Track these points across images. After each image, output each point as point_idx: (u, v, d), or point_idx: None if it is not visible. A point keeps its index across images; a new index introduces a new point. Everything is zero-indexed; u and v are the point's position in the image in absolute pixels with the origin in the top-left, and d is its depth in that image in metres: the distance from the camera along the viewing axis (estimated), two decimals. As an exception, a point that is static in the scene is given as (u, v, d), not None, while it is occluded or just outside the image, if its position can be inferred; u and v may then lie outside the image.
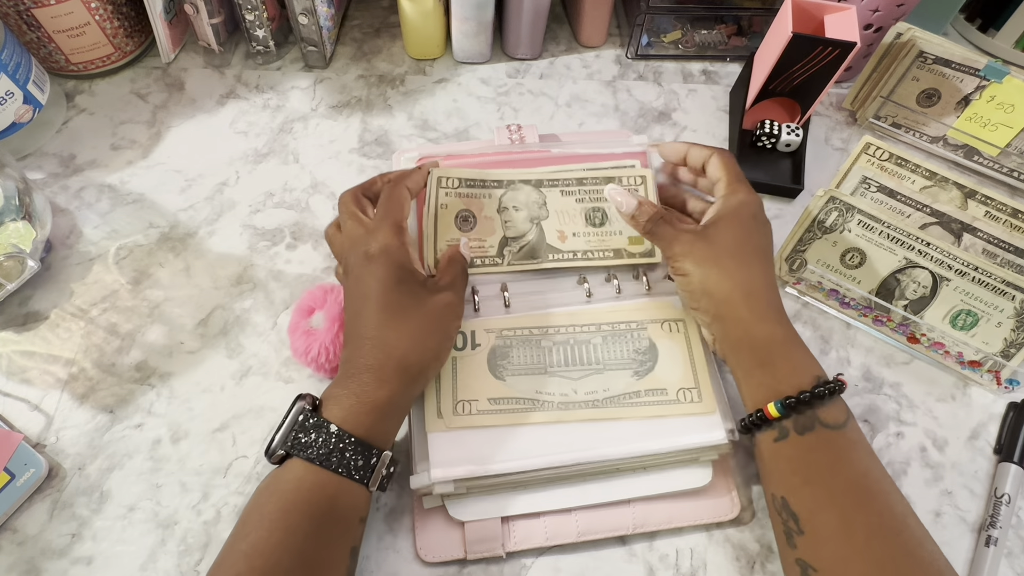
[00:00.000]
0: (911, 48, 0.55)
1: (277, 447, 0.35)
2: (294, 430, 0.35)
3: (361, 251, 0.38)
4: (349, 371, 0.37)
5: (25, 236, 0.46)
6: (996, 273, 0.45)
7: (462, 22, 0.60)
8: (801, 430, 0.37)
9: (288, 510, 0.33)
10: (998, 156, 0.58)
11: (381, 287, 0.37)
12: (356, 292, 0.39)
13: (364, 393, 0.36)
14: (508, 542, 0.40)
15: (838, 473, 0.36)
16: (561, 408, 0.41)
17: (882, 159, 0.53)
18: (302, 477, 0.34)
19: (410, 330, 0.37)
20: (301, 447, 0.34)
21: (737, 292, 0.39)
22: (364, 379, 0.36)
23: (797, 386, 0.37)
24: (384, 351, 0.37)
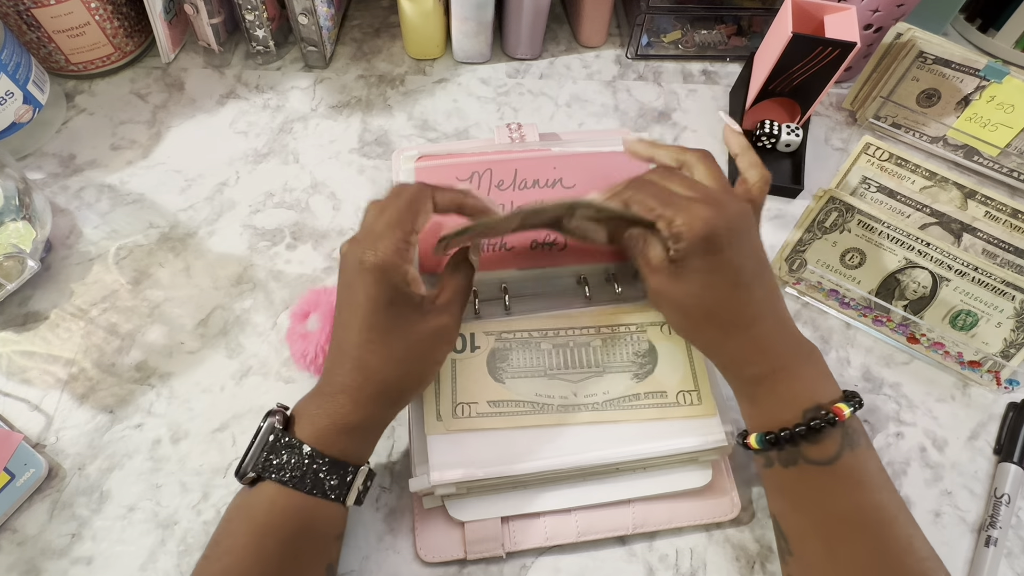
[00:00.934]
0: (911, 48, 0.55)
1: (247, 468, 0.34)
2: (264, 450, 0.34)
3: (358, 255, 0.35)
4: (325, 388, 0.35)
5: (25, 236, 0.46)
6: (996, 273, 0.45)
7: (462, 22, 0.60)
8: (784, 463, 0.36)
9: (262, 534, 0.33)
10: (998, 156, 0.58)
11: (370, 304, 0.35)
12: (345, 299, 0.36)
13: (339, 415, 0.34)
14: (508, 542, 0.40)
15: (824, 506, 0.35)
16: (561, 411, 0.41)
17: (882, 159, 0.53)
18: (274, 500, 0.33)
19: (395, 356, 0.35)
20: (273, 469, 0.33)
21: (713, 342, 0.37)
22: (340, 400, 0.35)
23: (781, 422, 0.35)
24: (364, 374, 0.35)
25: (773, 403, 0.36)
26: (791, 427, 0.34)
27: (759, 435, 0.36)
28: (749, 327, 0.36)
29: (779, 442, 0.35)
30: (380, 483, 0.43)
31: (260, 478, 0.34)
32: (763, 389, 0.36)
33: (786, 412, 0.35)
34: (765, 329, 0.36)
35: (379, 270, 0.34)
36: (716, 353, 0.38)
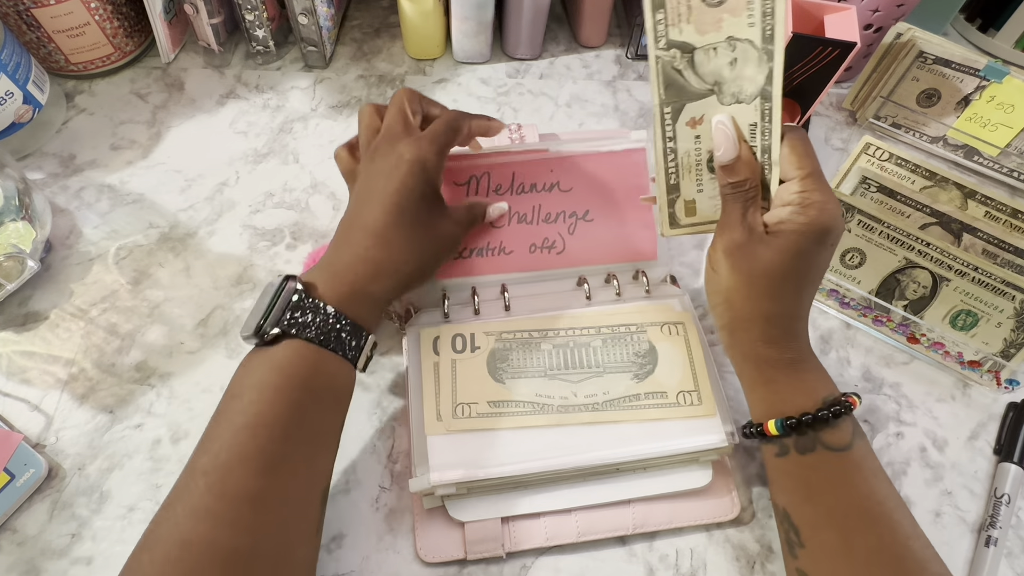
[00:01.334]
0: (911, 48, 0.55)
1: (270, 326, 0.34)
2: (288, 310, 0.34)
3: (397, 149, 0.38)
4: (344, 258, 0.37)
5: (25, 236, 0.46)
6: (996, 273, 0.45)
7: (462, 22, 0.60)
8: (802, 450, 0.36)
9: (290, 386, 0.33)
10: (998, 156, 0.58)
11: (404, 191, 0.37)
12: (373, 185, 0.38)
13: (359, 283, 0.37)
14: (508, 542, 0.40)
15: (839, 494, 0.35)
16: (561, 411, 0.41)
17: (882, 159, 0.53)
18: (302, 354, 0.34)
19: (414, 242, 0.38)
20: (298, 326, 0.34)
21: (756, 316, 0.37)
22: (360, 269, 0.37)
23: (800, 407, 0.36)
24: (387, 250, 0.37)
25: (794, 389, 0.37)
26: (812, 412, 0.35)
27: (779, 420, 0.36)
28: (793, 316, 0.37)
29: (800, 426, 0.35)
30: (380, 483, 0.43)
31: (283, 334, 0.34)
32: (786, 374, 0.37)
33: (806, 399, 0.36)
34: (802, 324, 0.38)
35: (420, 163, 0.38)
36: (755, 330, 0.37)
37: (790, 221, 0.35)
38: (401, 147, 0.38)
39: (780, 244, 0.35)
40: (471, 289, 0.46)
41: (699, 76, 0.34)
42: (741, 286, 0.37)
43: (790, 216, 0.35)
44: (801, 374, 0.37)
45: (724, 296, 0.38)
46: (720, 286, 0.38)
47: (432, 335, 0.44)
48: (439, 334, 0.44)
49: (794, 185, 0.35)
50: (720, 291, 0.38)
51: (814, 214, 0.34)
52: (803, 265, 0.36)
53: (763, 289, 0.36)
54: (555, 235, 0.47)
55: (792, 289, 0.36)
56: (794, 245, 0.35)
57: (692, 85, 0.35)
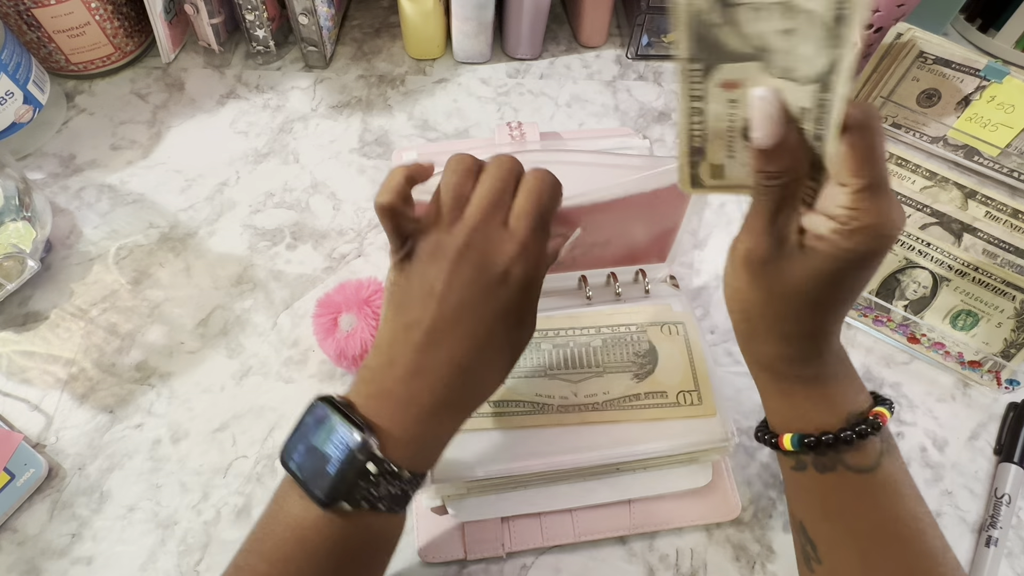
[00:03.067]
0: (911, 48, 0.55)
1: (341, 499, 0.28)
2: (363, 480, 0.29)
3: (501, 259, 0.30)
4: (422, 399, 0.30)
5: (25, 236, 0.46)
6: (996, 273, 0.45)
7: (462, 22, 0.60)
8: (821, 468, 0.32)
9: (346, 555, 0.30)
10: (998, 156, 0.58)
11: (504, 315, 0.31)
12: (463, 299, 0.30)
13: (444, 438, 0.32)
14: (508, 542, 0.40)
15: (860, 515, 0.32)
16: (561, 411, 0.41)
17: (882, 159, 0.53)
18: (370, 525, 0.30)
19: (506, 364, 0.33)
20: (374, 499, 0.29)
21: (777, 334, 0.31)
22: (448, 423, 0.32)
23: (820, 425, 0.31)
24: (477, 392, 0.32)
25: (814, 404, 0.32)
26: (835, 431, 0.31)
27: (795, 436, 0.32)
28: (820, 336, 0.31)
29: (819, 446, 0.31)
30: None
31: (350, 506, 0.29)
32: (806, 388, 0.32)
33: (829, 416, 0.32)
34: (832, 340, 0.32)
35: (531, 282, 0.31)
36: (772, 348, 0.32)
37: (830, 242, 0.27)
38: (507, 257, 0.30)
39: (814, 266, 0.28)
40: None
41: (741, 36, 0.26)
42: (760, 303, 0.31)
43: (832, 235, 0.27)
44: (824, 388, 0.32)
45: (741, 306, 0.32)
46: (738, 293, 0.31)
47: None
48: None
49: (844, 197, 0.27)
50: (737, 299, 0.32)
51: (860, 239, 0.27)
52: (839, 292, 0.29)
53: (786, 312, 0.30)
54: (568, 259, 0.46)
55: (822, 313, 0.30)
56: (831, 271, 0.28)
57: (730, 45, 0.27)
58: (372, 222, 0.54)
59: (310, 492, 0.29)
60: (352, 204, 0.54)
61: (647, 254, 0.47)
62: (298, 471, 0.29)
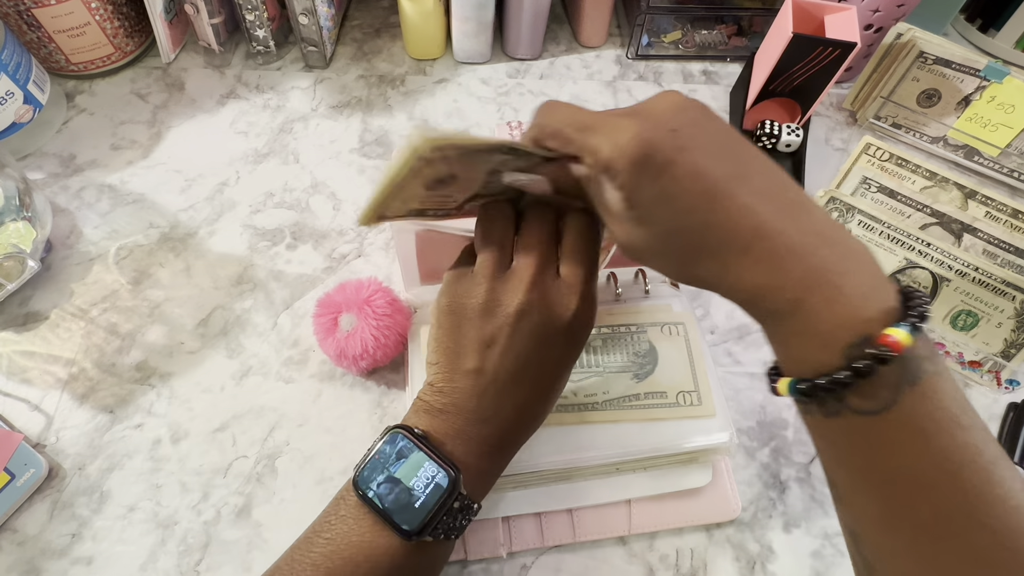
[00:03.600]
0: (911, 48, 0.55)
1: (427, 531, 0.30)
2: (446, 514, 0.31)
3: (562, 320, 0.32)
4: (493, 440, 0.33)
5: (25, 236, 0.46)
6: (996, 273, 0.45)
7: (462, 22, 0.60)
8: (827, 413, 0.27)
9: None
10: (998, 156, 0.58)
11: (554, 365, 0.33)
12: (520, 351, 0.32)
13: (504, 465, 0.34)
14: (508, 542, 0.40)
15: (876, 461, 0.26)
16: (560, 410, 0.41)
17: (882, 159, 0.53)
18: (436, 552, 0.33)
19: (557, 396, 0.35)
20: (450, 531, 0.31)
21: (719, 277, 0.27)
22: (507, 451, 0.34)
23: (815, 366, 0.26)
24: (531, 426, 0.34)
25: (805, 342, 0.26)
26: (831, 371, 0.25)
27: (790, 382, 0.27)
28: (749, 247, 0.26)
29: (815, 392, 0.26)
30: (380, 483, 0.43)
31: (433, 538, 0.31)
32: (789, 326, 0.26)
33: (823, 352, 0.26)
34: (774, 243, 0.26)
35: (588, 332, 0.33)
36: (725, 291, 0.28)
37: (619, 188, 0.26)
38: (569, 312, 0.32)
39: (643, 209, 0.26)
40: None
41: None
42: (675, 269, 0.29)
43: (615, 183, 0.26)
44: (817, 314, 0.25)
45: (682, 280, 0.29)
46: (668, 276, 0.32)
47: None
48: None
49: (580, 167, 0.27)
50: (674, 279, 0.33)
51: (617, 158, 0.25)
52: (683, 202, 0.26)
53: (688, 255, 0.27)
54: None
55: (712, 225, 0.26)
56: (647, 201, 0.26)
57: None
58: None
59: (394, 524, 0.30)
60: (352, 204, 0.54)
61: None
62: (379, 502, 0.30)
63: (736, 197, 0.26)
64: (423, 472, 0.30)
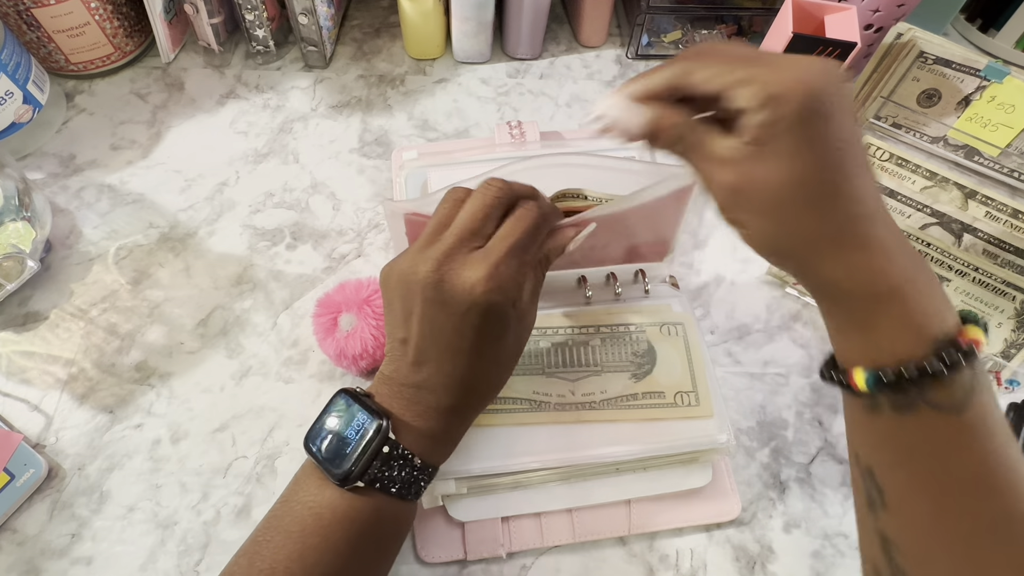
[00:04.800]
0: (911, 48, 0.55)
1: (356, 478, 0.31)
2: (377, 460, 0.32)
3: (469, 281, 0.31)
4: (428, 401, 0.33)
5: (25, 236, 0.46)
6: (996, 273, 0.45)
7: (462, 22, 0.60)
8: (900, 409, 0.27)
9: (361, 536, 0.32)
10: (998, 156, 0.58)
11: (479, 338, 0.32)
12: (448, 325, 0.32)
13: (445, 433, 0.34)
14: (508, 542, 0.40)
15: (942, 462, 0.27)
16: (558, 409, 0.41)
17: (882, 159, 0.53)
18: (377, 507, 0.32)
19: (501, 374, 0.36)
20: (386, 481, 0.32)
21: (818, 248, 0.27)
22: (449, 420, 0.34)
23: (900, 356, 0.26)
24: (473, 396, 0.35)
25: (895, 330, 0.27)
26: (917, 361, 0.26)
27: (870, 373, 0.27)
28: (863, 227, 0.27)
29: (900, 383, 0.26)
30: (380, 483, 0.43)
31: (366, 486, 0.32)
32: (883, 311, 0.27)
33: (910, 343, 0.26)
34: (882, 231, 0.27)
35: (496, 307, 0.32)
36: (821, 263, 0.28)
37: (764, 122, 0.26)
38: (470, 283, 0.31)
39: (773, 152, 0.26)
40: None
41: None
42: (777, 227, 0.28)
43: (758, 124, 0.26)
44: (910, 305, 0.27)
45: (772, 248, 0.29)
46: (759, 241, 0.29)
47: None
48: None
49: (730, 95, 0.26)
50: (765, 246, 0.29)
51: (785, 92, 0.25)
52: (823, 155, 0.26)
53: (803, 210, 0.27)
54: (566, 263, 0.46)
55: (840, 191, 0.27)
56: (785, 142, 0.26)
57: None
58: (372, 222, 0.54)
59: (329, 472, 0.31)
60: (352, 204, 0.54)
61: (647, 254, 0.47)
62: (319, 453, 0.32)
63: (863, 178, 0.27)
64: (355, 422, 0.32)
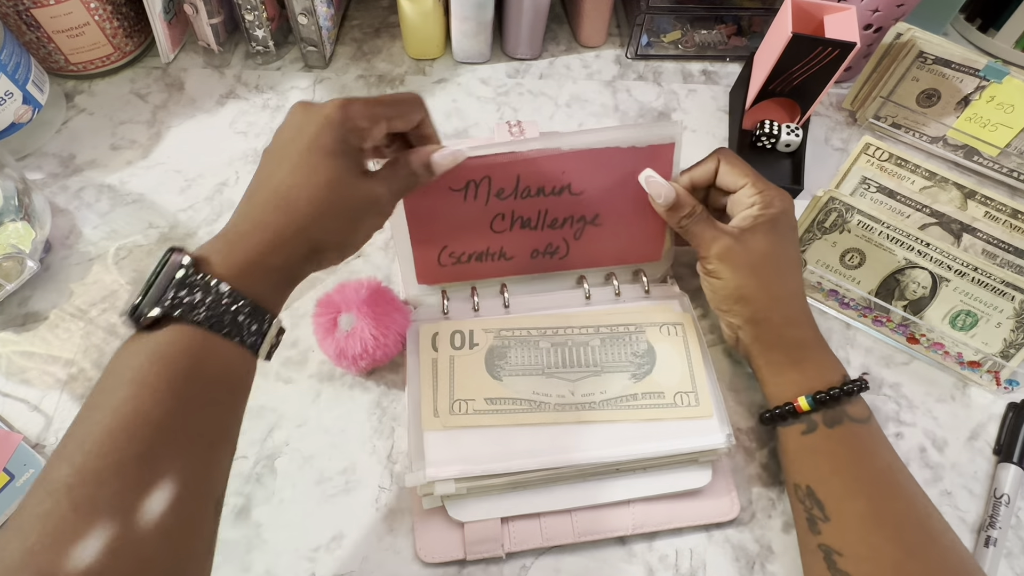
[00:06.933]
0: (911, 48, 0.55)
1: (148, 306, 0.29)
2: (172, 287, 0.29)
3: (314, 106, 0.35)
4: (239, 227, 0.33)
5: (24, 236, 0.46)
6: (996, 273, 0.45)
7: (462, 22, 0.60)
8: (830, 423, 0.39)
9: (174, 377, 0.28)
10: (998, 156, 0.58)
11: (313, 148, 0.33)
12: (285, 139, 0.35)
13: (256, 252, 0.32)
14: (507, 543, 0.40)
15: (865, 464, 0.38)
16: (558, 409, 0.41)
17: (882, 159, 0.53)
18: (190, 341, 0.29)
19: (322, 205, 0.33)
20: (184, 307, 0.29)
21: (772, 301, 0.41)
22: (258, 237, 0.32)
23: (827, 383, 0.39)
24: (288, 214, 0.33)
25: (820, 366, 0.41)
26: (839, 386, 0.39)
27: (809, 396, 0.39)
28: (800, 296, 0.42)
29: (830, 400, 0.39)
30: (380, 483, 0.43)
31: (166, 317, 0.29)
32: (812, 353, 0.41)
33: (832, 375, 0.40)
34: (807, 305, 0.43)
35: (335, 121, 0.34)
36: (776, 313, 0.41)
37: (761, 216, 0.41)
38: (317, 105, 0.35)
39: (763, 234, 0.41)
40: (471, 287, 0.46)
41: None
42: (748, 278, 0.41)
43: (759, 212, 0.41)
44: (823, 354, 0.41)
45: (736, 294, 0.41)
46: (729, 288, 0.41)
47: (431, 331, 0.44)
48: (438, 330, 0.44)
49: (748, 190, 0.42)
50: (731, 292, 0.41)
51: (778, 204, 0.41)
52: (787, 247, 0.42)
53: (769, 274, 0.41)
54: (560, 240, 0.46)
55: (788, 269, 0.42)
56: (773, 231, 0.41)
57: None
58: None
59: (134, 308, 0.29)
60: (352, 204, 0.54)
61: (643, 248, 0.47)
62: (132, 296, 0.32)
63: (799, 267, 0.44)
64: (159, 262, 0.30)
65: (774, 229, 0.41)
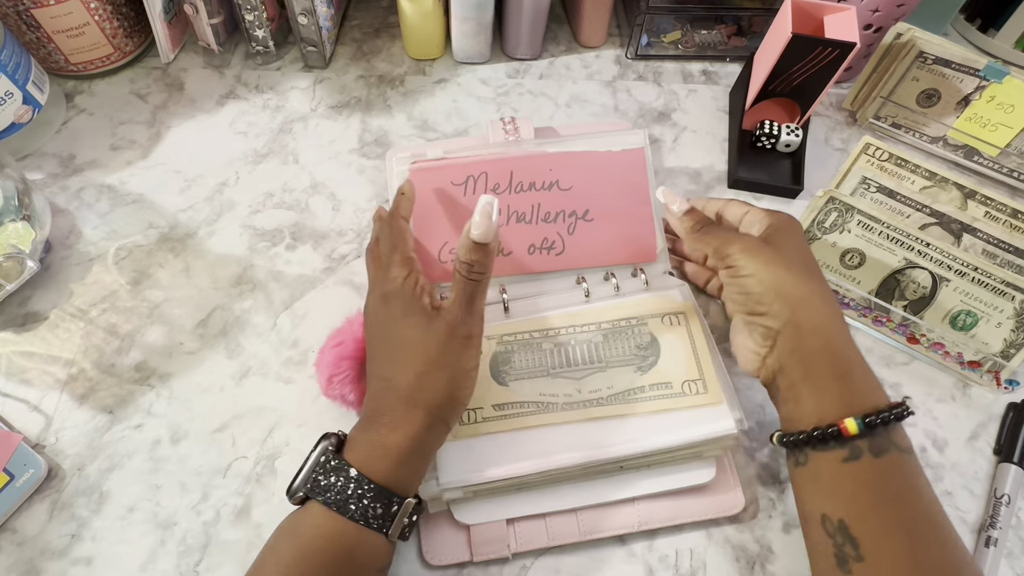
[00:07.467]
0: (911, 48, 0.55)
1: (298, 488, 0.34)
2: (315, 471, 0.33)
3: (379, 292, 0.38)
4: (367, 413, 0.36)
5: (24, 236, 0.46)
6: (996, 273, 0.45)
7: (462, 22, 0.60)
8: (877, 452, 0.33)
9: (303, 556, 0.32)
10: (998, 156, 0.58)
11: (391, 324, 0.36)
12: (371, 332, 0.38)
13: (379, 436, 0.34)
14: (513, 543, 0.40)
15: (908, 500, 0.33)
16: (566, 409, 0.41)
17: (882, 159, 0.53)
18: (320, 523, 0.33)
19: (415, 367, 0.35)
20: (320, 490, 0.33)
21: (816, 296, 0.36)
22: (380, 422, 0.35)
23: (874, 405, 0.34)
24: (394, 392, 0.35)
25: (868, 384, 0.35)
26: (887, 409, 0.34)
27: (858, 419, 0.33)
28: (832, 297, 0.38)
29: (879, 425, 0.33)
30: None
31: (308, 498, 0.33)
32: (858, 368, 0.36)
33: (877, 395, 0.35)
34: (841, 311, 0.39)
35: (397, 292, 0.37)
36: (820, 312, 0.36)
37: (773, 224, 0.41)
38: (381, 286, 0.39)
39: (783, 236, 0.40)
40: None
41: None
42: (782, 271, 0.37)
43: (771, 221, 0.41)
44: (869, 371, 0.36)
45: (774, 289, 0.37)
46: (764, 283, 0.37)
47: None
48: None
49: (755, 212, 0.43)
50: (767, 287, 0.37)
51: (787, 218, 0.41)
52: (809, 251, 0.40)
53: (802, 270, 0.37)
54: (554, 235, 0.47)
55: (818, 269, 0.39)
56: (791, 236, 0.40)
57: None
58: (372, 222, 0.53)
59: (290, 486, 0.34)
60: (352, 204, 0.54)
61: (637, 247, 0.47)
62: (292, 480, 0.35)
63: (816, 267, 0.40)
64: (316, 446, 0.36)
65: (792, 235, 0.40)
